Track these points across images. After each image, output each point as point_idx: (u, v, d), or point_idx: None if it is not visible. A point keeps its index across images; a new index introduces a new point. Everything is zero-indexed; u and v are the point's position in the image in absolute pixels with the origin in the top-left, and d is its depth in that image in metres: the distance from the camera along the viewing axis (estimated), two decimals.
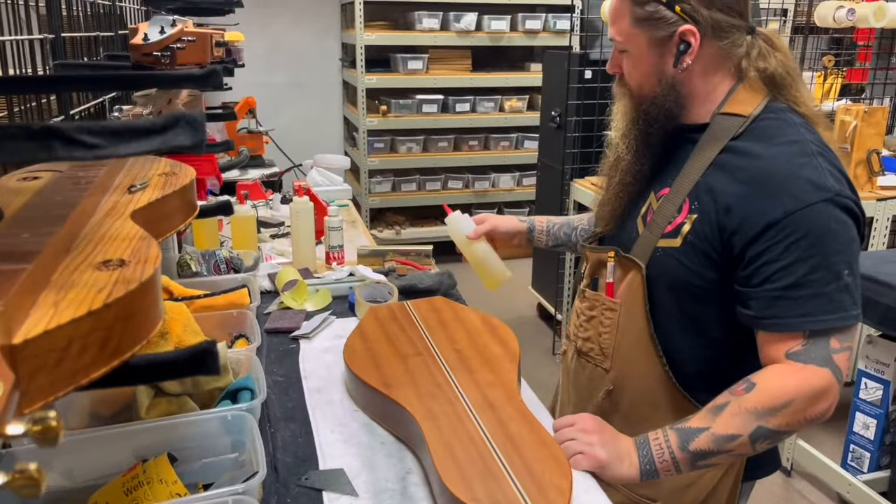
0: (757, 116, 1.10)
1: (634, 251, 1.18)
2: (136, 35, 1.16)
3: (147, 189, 0.77)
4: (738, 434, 1.01)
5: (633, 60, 1.14)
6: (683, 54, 1.09)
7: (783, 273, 1.01)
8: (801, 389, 1.00)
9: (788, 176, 1.02)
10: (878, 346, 2.38)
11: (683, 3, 1.07)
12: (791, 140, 1.06)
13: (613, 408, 1.23)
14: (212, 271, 1.60)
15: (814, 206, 1.00)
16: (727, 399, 1.04)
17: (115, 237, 0.60)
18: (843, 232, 1.01)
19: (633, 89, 1.17)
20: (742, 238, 1.04)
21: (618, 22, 1.13)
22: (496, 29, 4.56)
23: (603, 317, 1.23)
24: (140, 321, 0.50)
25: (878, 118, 3.07)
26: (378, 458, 1.09)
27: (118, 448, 0.99)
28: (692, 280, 1.11)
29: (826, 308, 1.00)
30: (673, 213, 1.13)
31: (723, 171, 1.09)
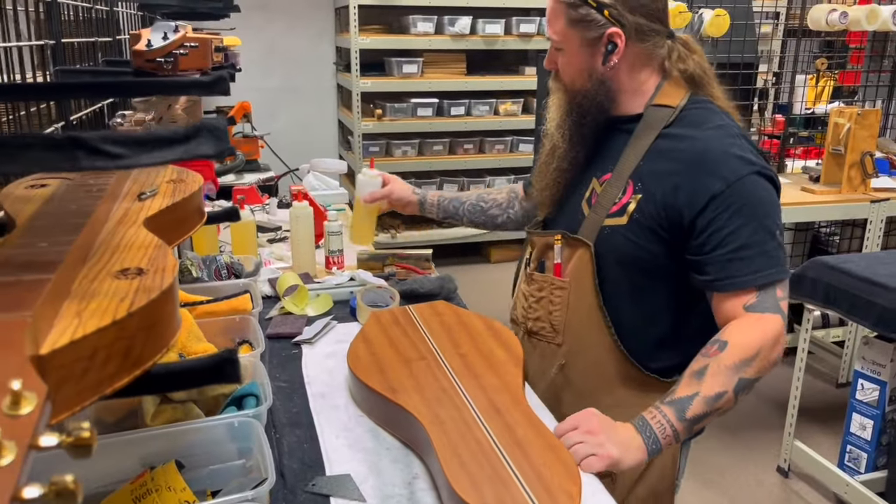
0: (684, 107, 1.27)
1: (582, 231, 1.30)
2: (138, 41, 1.16)
3: (157, 196, 0.77)
4: (724, 391, 1.11)
5: (568, 58, 1.28)
6: (611, 54, 1.24)
7: (732, 237, 1.16)
8: (766, 336, 1.14)
9: (722, 154, 1.19)
10: (874, 347, 2.40)
11: (611, 7, 1.22)
12: (717, 125, 1.24)
13: (566, 382, 1.35)
14: (213, 277, 1.59)
15: (747, 178, 1.17)
16: (705, 362, 1.14)
17: (131, 245, 0.60)
18: (769, 199, 1.20)
19: (566, 84, 1.31)
20: (690, 211, 1.18)
21: (554, 22, 1.26)
22: (490, 33, 4.57)
23: (552, 296, 1.34)
24: (161, 330, 0.50)
25: (871, 120, 3.09)
26: (384, 463, 1.09)
27: (125, 455, 0.99)
28: (638, 253, 1.24)
29: (770, 263, 1.16)
30: (617, 195, 1.26)
31: (662, 155, 1.24)
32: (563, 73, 1.30)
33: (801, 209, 3.10)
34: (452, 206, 1.73)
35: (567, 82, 1.30)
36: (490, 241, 4.97)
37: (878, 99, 3.83)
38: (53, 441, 0.34)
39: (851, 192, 3.13)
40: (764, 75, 3.91)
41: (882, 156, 3.46)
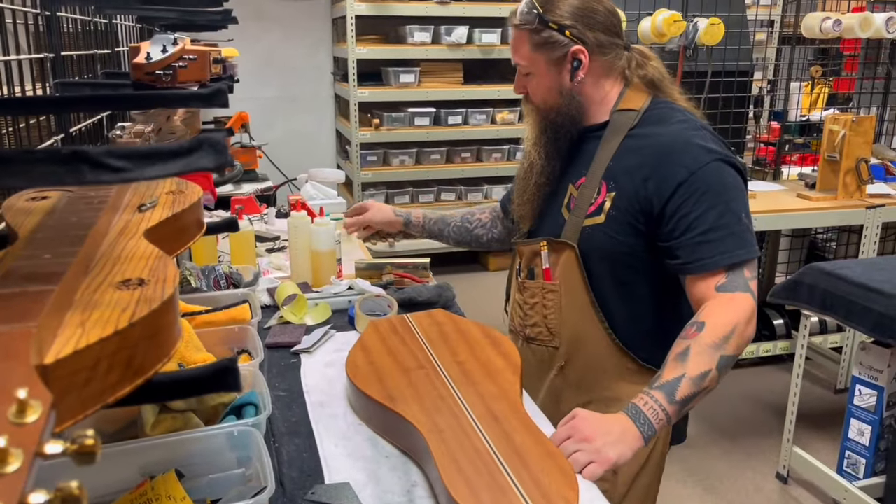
0: (647, 108, 1.36)
1: (564, 234, 1.37)
2: (137, 54, 1.17)
3: (157, 208, 0.78)
4: (709, 369, 1.16)
5: (537, 80, 1.36)
6: (577, 69, 1.33)
7: (699, 221, 1.23)
8: (739, 314, 1.20)
9: (685, 144, 1.27)
10: (872, 352, 2.41)
11: (572, 28, 1.30)
12: (679, 120, 1.32)
13: (565, 381, 1.41)
14: (212, 287, 1.60)
15: (709, 165, 1.25)
16: (686, 344, 1.18)
17: (132, 256, 0.60)
18: (734, 184, 1.26)
19: (538, 104, 1.38)
20: (659, 199, 1.26)
21: (519, 49, 1.35)
22: (487, 42, 4.60)
23: (545, 300, 1.40)
24: (162, 339, 0.51)
25: (866, 127, 3.11)
26: (383, 471, 1.09)
27: (125, 465, 0.99)
28: (618, 248, 1.32)
29: (738, 244, 1.22)
30: (592, 196, 1.34)
31: (630, 153, 1.32)
32: (533, 94, 1.38)
33: (797, 216, 3.12)
34: (437, 228, 1.82)
35: (538, 102, 1.38)
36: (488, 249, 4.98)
37: (873, 106, 3.86)
38: (58, 448, 0.35)
39: (847, 199, 3.15)
40: (759, 83, 3.93)
41: (877, 162, 3.48)
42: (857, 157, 3.10)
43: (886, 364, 2.38)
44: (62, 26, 1.53)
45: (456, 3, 4.53)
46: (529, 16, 1.32)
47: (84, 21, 1.71)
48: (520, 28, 1.34)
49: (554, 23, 1.30)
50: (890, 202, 3.17)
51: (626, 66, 1.38)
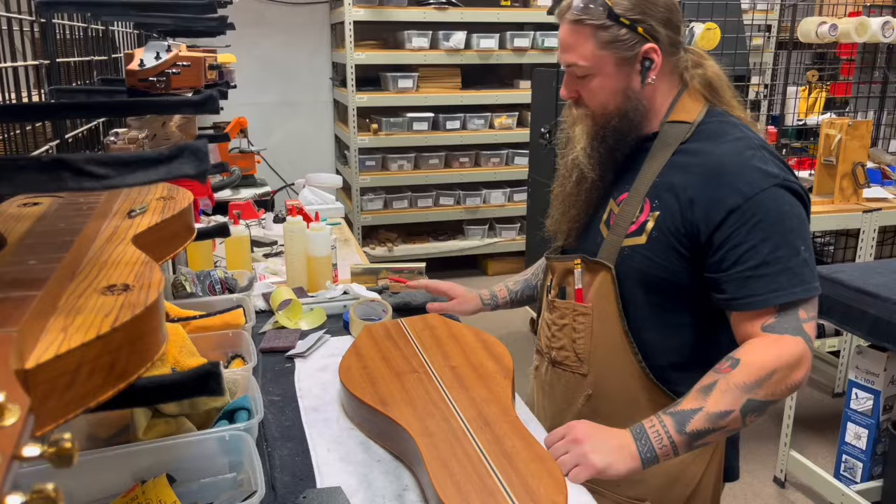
0: (701, 121, 1.22)
1: (601, 254, 1.24)
2: (131, 61, 1.18)
3: (146, 213, 0.79)
4: (731, 410, 1.06)
5: (600, 81, 1.20)
6: (648, 70, 1.19)
7: (750, 254, 1.11)
8: (781, 358, 1.08)
9: (741, 167, 1.14)
10: (868, 356, 2.41)
11: (644, 24, 1.17)
12: (736, 137, 1.19)
13: (593, 412, 1.26)
14: (207, 292, 1.60)
15: (767, 191, 1.12)
16: (714, 378, 1.09)
17: (118, 262, 0.61)
18: (794, 212, 1.13)
19: (595, 109, 1.23)
20: (707, 226, 1.14)
21: (577, 48, 1.19)
22: (485, 47, 4.61)
23: (575, 323, 1.28)
24: (145, 344, 0.51)
25: (863, 131, 3.12)
26: (375, 475, 1.10)
27: (117, 469, 0.99)
28: (659, 273, 1.19)
29: (793, 282, 1.10)
30: (635, 214, 1.22)
31: (678, 170, 1.19)
32: (590, 98, 1.23)
33: None
34: (527, 294, 1.62)
35: (596, 107, 1.23)
36: (487, 254, 4.99)
37: (870, 110, 3.87)
38: (36, 451, 0.36)
39: (844, 203, 3.15)
40: (756, 87, 3.94)
41: (874, 166, 3.49)
42: (853, 161, 3.11)
43: (883, 368, 2.38)
44: (60, 33, 1.55)
45: (454, 8, 4.55)
46: (595, 9, 1.16)
47: (81, 28, 1.72)
48: (580, 24, 1.17)
49: (625, 17, 1.16)
50: (887, 206, 3.17)
51: (684, 68, 1.25)
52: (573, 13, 1.18)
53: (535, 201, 3.87)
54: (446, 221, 4.97)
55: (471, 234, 4.96)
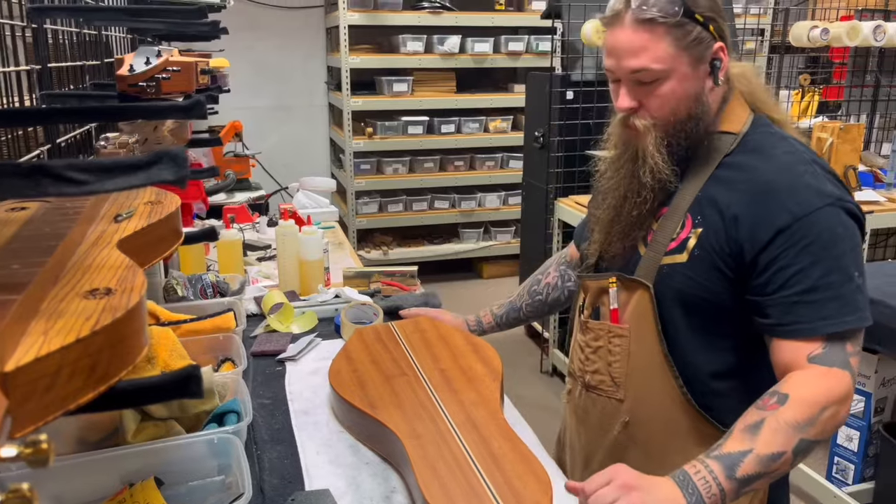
0: (746, 132, 1.14)
1: (639, 272, 1.16)
2: (122, 66, 1.19)
3: (133, 218, 0.79)
4: (783, 451, 0.96)
5: (673, 86, 1.09)
6: (718, 71, 1.10)
7: (799, 277, 1.03)
8: (832, 394, 0.99)
9: (792, 183, 1.06)
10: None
11: (714, 22, 1.08)
12: (785, 151, 1.11)
13: (630, 440, 1.20)
14: (198, 296, 1.61)
15: (820, 211, 1.03)
16: (761, 415, 0.99)
17: (102, 266, 0.62)
18: (848, 235, 1.05)
19: (663, 117, 1.12)
20: (753, 246, 1.06)
21: (650, 50, 1.07)
22: (479, 51, 4.63)
23: (611, 345, 1.20)
24: (126, 347, 0.52)
25: (854, 135, 3.14)
26: (363, 477, 1.10)
27: (105, 473, 1.00)
28: (701, 294, 1.11)
29: (845, 310, 1.02)
30: (675, 230, 1.14)
31: (723, 185, 1.11)
32: (660, 105, 1.11)
33: None
34: (513, 318, 1.56)
35: (666, 114, 1.11)
36: (482, 257, 5.00)
37: (863, 113, 3.88)
38: (13, 452, 0.36)
39: None
40: None
41: (866, 169, 3.50)
42: (844, 164, 3.13)
43: (874, 370, 2.39)
44: (54, 38, 1.55)
45: (448, 13, 4.56)
46: (671, 7, 1.05)
47: (74, 33, 1.73)
48: (652, 23, 1.06)
49: (700, 14, 1.06)
50: (878, 209, 3.19)
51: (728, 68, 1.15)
52: (643, 12, 1.06)
53: (529, 204, 3.88)
54: (441, 225, 4.98)
55: (466, 237, 4.97)
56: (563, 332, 3.47)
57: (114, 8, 1.35)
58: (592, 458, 1.26)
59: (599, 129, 1.28)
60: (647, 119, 1.12)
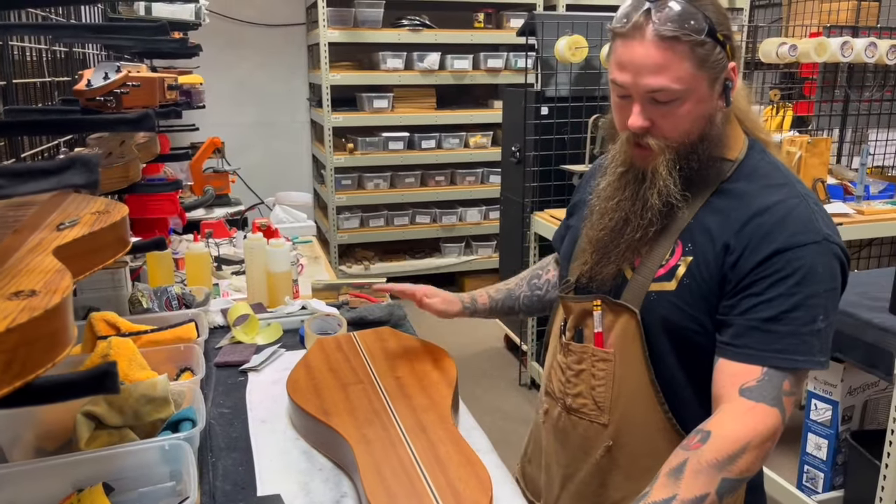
0: (743, 159, 1.11)
1: (625, 297, 1.13)
2: (80, 81, 1.22)
3: (76, 226, 0.82)
4: (706, 493, 0.94)
5: (690, 107, 1.05)
6: (730, 91, 1.07)
7: (764, 306, 1.01)
8: (757, 430, 0.97)
9: (783, 216, 1.04)
10: None
11: (730, 40, 1.04)
12: (780, 182, 1.09)
13: (613, 464, 1.18)
14: (163, 307, 1.63)
15: (805, 248, 1.01)
16: (684, 457, 0.97)
17: (33, 270, 0.64)
18: (827, 277, 1.02)
19: (677, 138, 1.07)
20: (736, 274, 1.04)
21: (672, 69, 1.02)
22: (459, 68, 4.69)
23: (595, 369, 1.17)
24: (45, 346, 0.54)
25: (822, 148, 3.20)
26: (315, 483, 1.12)
27: (58, 479, 1.01)
28: (687, 324, 1.09)
29: (799, 348, 1.00)
30: (664, 256, 1.10)
31: (717, 213, 1.09)
32: (675, 126, 1.06)
33: None
34: (507, 305, 1.49)
35: (678, 136, 1.07)
36: (464, 271, 5.03)
37: (835, 128, 3.96)
38: None
39: None
40: None
41: (836, 182, 3.57)
42: (813, 177, 3.18)
43: (840, 378, 2.43)
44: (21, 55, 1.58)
45: (428, 30, 4.62)
46: (698, 24, 1.00)
47: (44, 50, 1.76)
48: (675, 41, 1.00)
49: (721, 35, 1.02)
50: (847, 221, 3.24)
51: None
52: (667, 28, 1.00)
53: (507, 219, 3.92)
54: (423, 239, 5.01)
55: (447, 251, 5.00)
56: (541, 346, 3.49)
57: (75, 25, 1.38)
58: (572, 479, 1.24)
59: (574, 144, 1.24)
60: (661, 139, 1.07)
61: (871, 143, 3.91)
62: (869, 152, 3.58)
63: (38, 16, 1.70)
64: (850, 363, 2.37)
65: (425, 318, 1.90)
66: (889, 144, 3.97)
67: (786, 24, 4.42)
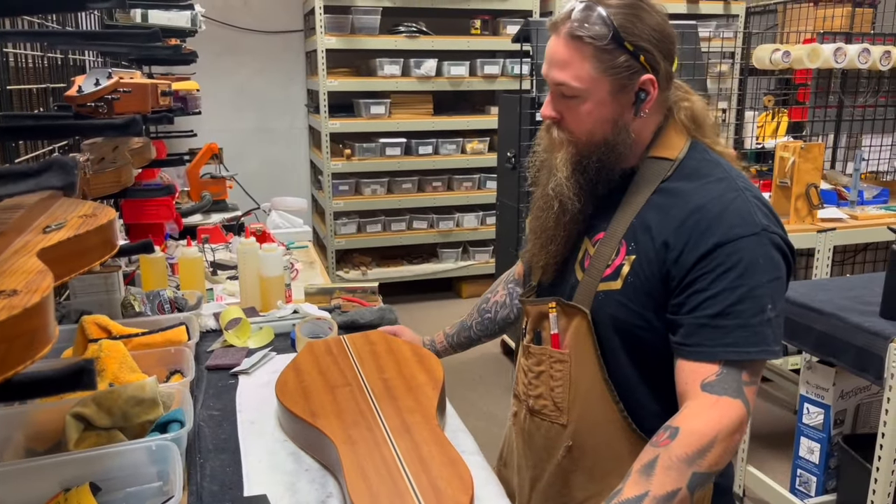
0: (683, 158, 1.14)
1: (576, 298, 1.16)
2: (72, 87, 1.24)
3: (62, 229, 0.83)
4: (678, 488, 0.96)
5: (590, 107, 1.10)
6: (643, 102, 1.10)
7: (710, 302, 1.03)
8: (722, 423, 0.99)
9: (720, 211, 1.06)
10: (817, 371, 2.47)
11: (646, 53, 1.08)
12: (719, 178, 1.11)
13: (574, 465, 1.20)
14: (156, 311, 1.64)
15: (744, 239, 1.04)
16: (655, 453, 0.99)
17: (16, 271, 0.66)
18: (769, 267, 1.04)
19: (579, 136, 1.13)
20: (679, 271, 1.06)
21: (573, 66, 1.08)
22: (456, 74, 4.71)
23: (552, 370, 1.20)
24: (24, 343, 0.56)
25: (815, 154, 3.21)
26: (301, 483, 1.13)
27: (46, 479, 1.03)
28: (634, 321, 1.11)
29: (750, 340, 1.02)
30: (610, 256, 1.13)
31: (657, 211, 1.11)
32: (577, 123, 1.12)
33: None
34: (464, 337, 1.56)
35: (581, 134, 1.12)
36: (461, 276, 5.04)
37: (829, 133, 3.97)
38: None
39: (799, 223, 3.24)
40: (715, 112, 4.04)
41: (829, 187, 3.58)
42: (806, 182, 3.20)
43: (832, 382, 2.44)
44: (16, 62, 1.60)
45: (425, 37, 4.65)
46: (601, 29, 1.06)
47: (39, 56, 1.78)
48: (579, 41, 1.07)
49: (629, 43, 1.07)
50: (841, 226, 3.26)
51: (673, 102, 1.17)
52: (573, 27, 1.07)
53: (503, 224, 3.93)
54: (420, 244, 5.03)
55: (444, 256, 5.02)
56: None
57: (68, 33, 1.40)
58: (539, 480, 1.26)
59: None
60: (566, 133, 1.14)
61: (865, 149, 3.93)
62: (863, 157, 3.60)
63: (35, 23, 1.72)
64: (842, 367, 2.38)
65: (417, 324, 1.92)
66: (882, 150, 3.99)
67: (781, 30, 4.45)
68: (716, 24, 5.11)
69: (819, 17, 4.27)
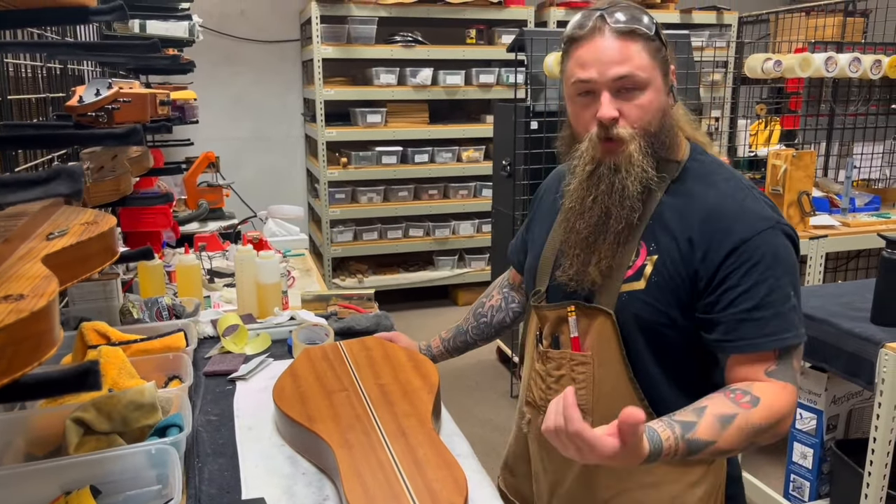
0: (687, 160, 1.19)
1: (598, 300, 1.18)
2: (73, 98, 1.26)
3: (65, 236, 0.85)
4: (735, 448, 1.03)
5: (652, 96, 1.12)
6: (674, 90, 1.17)
7: (745, 297, 1.08)
8: (791, 407, 1.06)
9: (737, 209, 1.12)
10: (809, 376, 2.49)
11: (667, 47, 1.15)
12: (725, 178, 1.17)
13: (598, 466, 1.19)
14: (154, 318, 1.66)
15: (763, 234, 1.10)
16: (734, 410, 1.03)
17: (22, 276, 0.68)
18: (787, 256, 1.11)
19: (640, 129, 1.13)
20: (706, 269, 1.11)
21: (634, 58, 1.10)
22: (451, 83, 4.75)
23: (574, 373, 1.21)
24: (32, 345, 0.58)
25: (807, 161, 3.25)
26: (298, 487, 1.15)
27: (46, 484, 1.04)
28: (659, 319, 1.14)
29: (784, 327, 1.08)
30: (631, 258, 1.16)
31: (672, 212, 1.15)
32: (639, 115, 1.12)
33: None
34: (461, 341, 1.58)
35: (643, 126, 1.13)
36: (457, 284, 5.06)
37: (821, 141, 4.01)
38: None
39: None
40: (707, 120, 4.08)
41: (821, 195, 3.62)
42: (798, 190, 3.23)
43: (824, 388, 2.46)
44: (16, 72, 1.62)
45: (420, 46, 4.69)
46: (648, 22, 1.12)
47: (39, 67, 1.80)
48: (632, 34, 1.10)
49: (662, 38, 1.14)
50: (833, 233, 3.29)
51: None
52: (622, 23, 1.10)
53: (498, 232, 3.96)
54: (416, 252, 5.05)
55: (441, 264, 5.04)
56: None
57: (68, 43, 1.42)
58: (560, 485, 1.27)
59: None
60: (629, 128, 1.12)
61: (857, 157, 3.97)
62: (854, 165, 3.64)
63: (35, 33, 1.75)
64: (833, 372, 2.40)
65: (414, 331, 1.94)
66: (874, 157, 4.03)
67: (773, 39, 4.49)
68: (709, 34, 5.16)
69: (811, 26, 4.32)
